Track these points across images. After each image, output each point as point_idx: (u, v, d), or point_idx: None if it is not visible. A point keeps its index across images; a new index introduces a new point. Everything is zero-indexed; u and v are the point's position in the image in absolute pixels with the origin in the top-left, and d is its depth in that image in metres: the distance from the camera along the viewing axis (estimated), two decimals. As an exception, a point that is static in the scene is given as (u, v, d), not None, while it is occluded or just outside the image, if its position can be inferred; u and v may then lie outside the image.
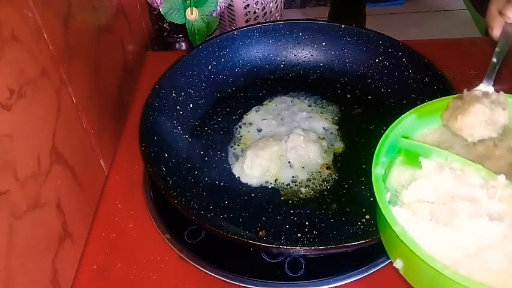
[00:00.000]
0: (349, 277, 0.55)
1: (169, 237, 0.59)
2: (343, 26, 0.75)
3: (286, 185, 0.63)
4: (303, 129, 0.67)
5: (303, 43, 0.78)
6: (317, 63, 0.78)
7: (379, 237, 0.43)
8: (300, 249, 0.50)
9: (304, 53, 0.78)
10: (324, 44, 0.77)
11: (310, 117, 0.71)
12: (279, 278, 0.55)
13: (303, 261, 0.56)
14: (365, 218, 0.58)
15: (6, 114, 0.45)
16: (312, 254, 0.55)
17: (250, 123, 0.71)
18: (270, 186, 0.63)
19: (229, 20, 0.92)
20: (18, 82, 0.47)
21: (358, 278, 0.55)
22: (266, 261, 0.56)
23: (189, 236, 0.59)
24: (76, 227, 0.58)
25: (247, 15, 0.89)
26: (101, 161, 0.67)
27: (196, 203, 0.59)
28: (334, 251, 0.51)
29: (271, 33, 0.77)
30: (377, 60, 0.74)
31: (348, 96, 0.74)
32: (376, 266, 0.55)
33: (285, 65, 0.78)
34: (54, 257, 0.53)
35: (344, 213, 0.59)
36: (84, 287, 0.56)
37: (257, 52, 0.77)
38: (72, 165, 0.58)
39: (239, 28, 0.77)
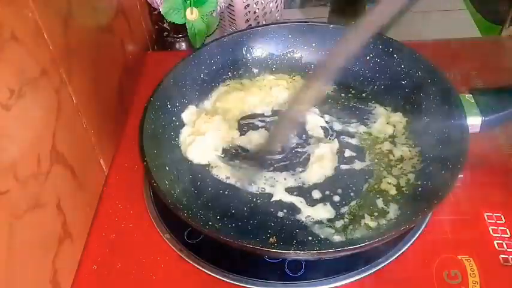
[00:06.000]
0: (349, 277, 0.55)
1: (169, 237, 0.59)
2: (331, 26, 0.76)
3: (292, 190, 0.62)
4: (305, 132, 0.68)
5: (293, 44, 0.77)
6: (308, 63, 0.77)
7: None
8: (315, 253, 0.51)
9: (294, 55, 0.78)
10: (313, 44, 0.77)
11: (309, 118, 0.71)
12: (279, 278, 0.55)
13: (303, 261, 0.56)
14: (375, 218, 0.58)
15: (6, 114, 0.45)
16: (328, 257, 0.55)
17: (252, 122, 0.71)
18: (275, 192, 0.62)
19: (229, 20, 0.92)
20: (18, 82, 0.47)
21: (358, 278, 0.55)
22: (266, 261, 0.56)
23: (189, 236, 0.59)
24: (76, 227, 0.58)
25: (247, 15, 0.89)
26: (101, 161, 0.67)
27: (202, 215, 0.59)
28: (349, 252, 0.51)
29: (263, 36, 0.77)
30: (368, 58, 0.74)
31: (342, 94, 0.74)
32: (376, 266, 0.55)
33: (276, 67, 0.78)
34: (54, 257, 0.53)
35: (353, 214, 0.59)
36: (84, 287, 0.56)
37: (248, 54, 0.77)
38: (72, 165, 0.58)
39: (231, 34, 0.77)
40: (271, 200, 0.61)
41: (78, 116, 0.60)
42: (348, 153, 0.66)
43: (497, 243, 0.57)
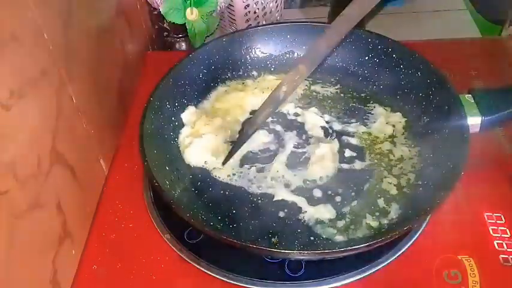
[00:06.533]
0: (349, 277, 0.55)
1: (169, 237, 0.59)
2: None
3: (293, 190, 0.62)
4: (305, 132, 0.68)
5: (292, 45, 0.77)
6: None
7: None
8: (319, 253, 0.52)
9: (293, 55, 0.78)
10: None
11: (308, 118, 0.71)
12: (279, 278, 0.55)
13: (303, 262, 0.56)
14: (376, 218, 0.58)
15: (6, 114, 0.45)
16: (331, 257, 0.55)
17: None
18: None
19: (229, 20, 0.92)
20: (18, 82, 0.47)
21: (358, 278, 0.55)
22: (266, 261, 0.56)
23: (189, 236, 0.59)
24: (76, 227, 0.58)
25: (247, 15, 0.89)
26: (101, 161, 0.67)
27: (203, 215, 0.59)
28: (353, 252, 0.52)
29: (263, 36, 0.76)
30: (366, 58, 0.74)
31: (342, 94, 0.74)
32: (376, 266, 0.55)
33: (275, 68, 0.78)
34: (54, 257, 0.53)
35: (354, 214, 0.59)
36: (84, 287, 0.56)
37: (247, 55, 0.77)
38: (72, 165, 0.58)
39: (230, 34, 0.77)
40: (273, 200, 0.61)
41: (78, 116, 0.60)
42: (348, 153, 0.66)
43: (497, 243, 0.57)
